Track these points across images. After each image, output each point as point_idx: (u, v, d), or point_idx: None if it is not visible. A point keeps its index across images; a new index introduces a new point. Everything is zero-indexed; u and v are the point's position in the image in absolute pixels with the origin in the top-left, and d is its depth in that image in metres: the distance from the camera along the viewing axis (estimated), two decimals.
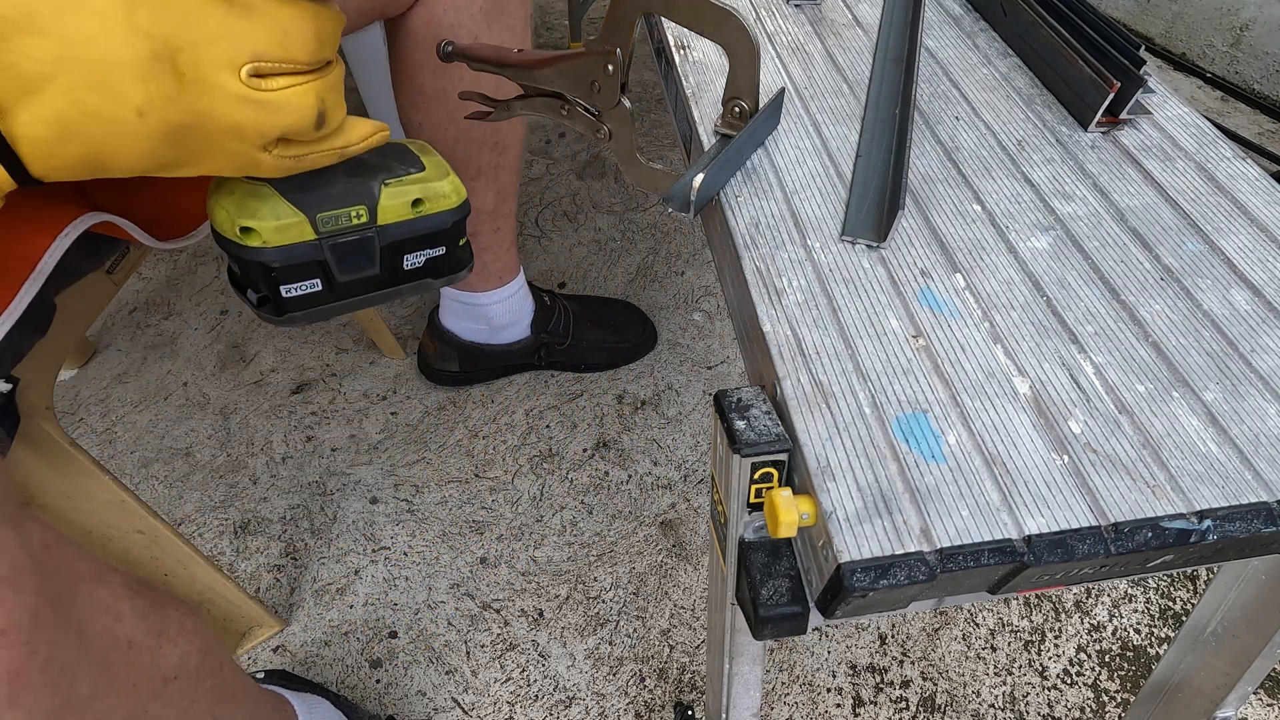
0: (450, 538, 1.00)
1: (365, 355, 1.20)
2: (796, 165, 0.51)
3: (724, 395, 0.38)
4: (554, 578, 0.96)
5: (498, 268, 1.04)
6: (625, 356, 1.18)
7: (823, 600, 0.34)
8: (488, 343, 1.12)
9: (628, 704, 0.86)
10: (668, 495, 1.03)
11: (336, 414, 1.13)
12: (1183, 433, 0.36)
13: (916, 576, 0.31)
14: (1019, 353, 0.39)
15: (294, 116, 0.36)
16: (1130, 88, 0.51)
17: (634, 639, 0.90)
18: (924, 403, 0.37)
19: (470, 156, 0.90)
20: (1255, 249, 0.45)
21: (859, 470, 0.34)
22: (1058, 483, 0.34)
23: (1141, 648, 0.90)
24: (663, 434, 1.10)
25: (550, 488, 1.04)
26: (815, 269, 0.44)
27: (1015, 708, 0.85)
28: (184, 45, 0.32)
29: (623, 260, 1.34)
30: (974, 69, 0.59)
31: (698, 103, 0.56)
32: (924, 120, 0.55)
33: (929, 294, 0.42)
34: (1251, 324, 0.41)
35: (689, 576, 0.96)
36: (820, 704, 0.86)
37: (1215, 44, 1.66)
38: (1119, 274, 0.43)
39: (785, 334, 0.40)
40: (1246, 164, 0.50)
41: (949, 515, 0.33)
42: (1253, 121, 1.60)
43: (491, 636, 0.91)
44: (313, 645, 0.90)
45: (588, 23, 1.80)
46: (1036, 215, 0.47)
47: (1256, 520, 0.33)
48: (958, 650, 0.90)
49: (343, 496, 1.04)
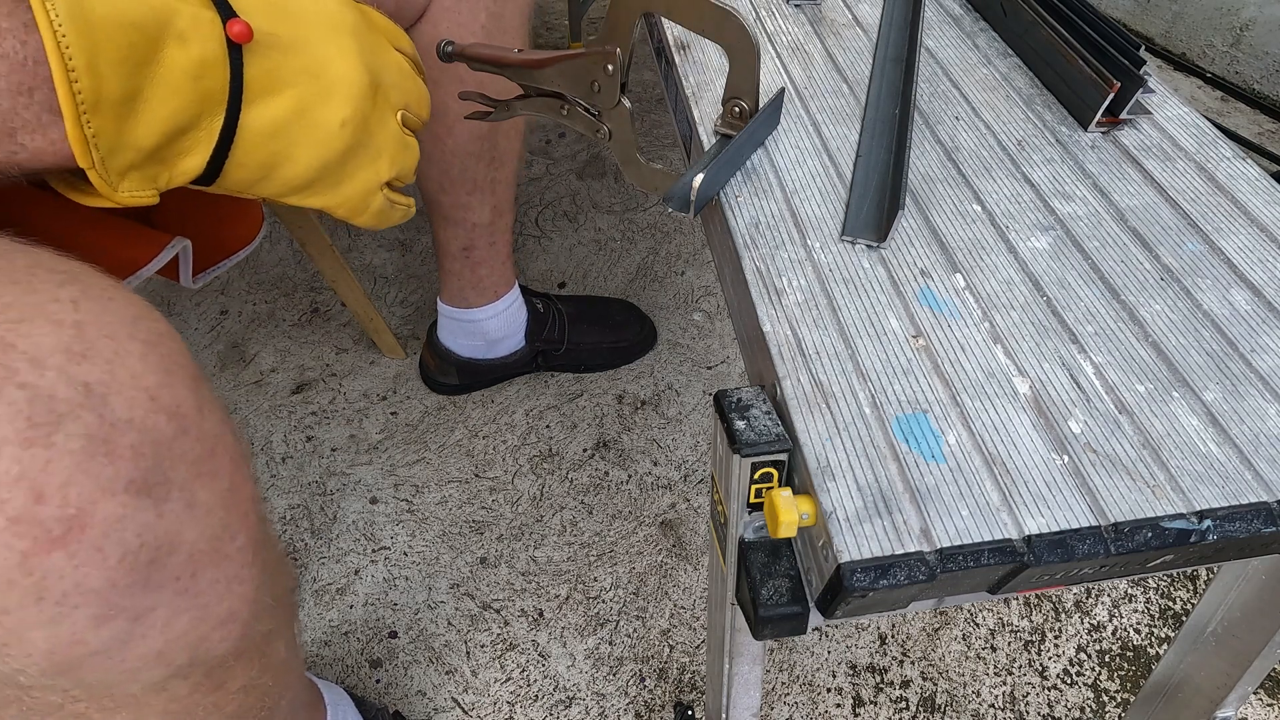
0: (450, 538, 1.00)
1: (365, 355, 1.20)
2: (796, 165, 0.51)
3: (724, 395, 0.38)
4: (554, 578, 0.96)
5: (493, 281, 1.04)
6: (624, 356, 1.18)
7: (823, 600, 0.34)
8: (484, 357, 1.12)
9: (628, 704, 0.86)
10: (668, 495, 1.03)
11: (336, 414, 1.13)
12: (1183, 433, 0.36)
13: (916, 576, 0.31)
14: (1019, 353, 0.39)
15: (413, 162, 0.47)
16: (1130, 88, 0.51)
17: (634, 639, 0.90)
18: (924, 403, 0.37)
19: (467, 170, 0.90)
20: (1255, 249, 0.45)
21: (859, 470, 0.34)
22: (1058, 483, 0.34)
23: (1141, 648, 0.90)
24: (663, 434, 1.10)
25: (550, 488, 1.04)
26: (815, 269, 0.44)
27: (1015, 708, 0.86)
28: (382, 83, 0.43)
29: (623, 260, 1.34)
30: (974, 69, 0.59)
31: (698, 103, 0.56)
32: (924, 120, 0.55)
33: (929, 294, 0.42)
34: (1251, 324, 0.41)
35: (689, 576, 0.96)
36: (820, 704, 0.86)
37: (1215, 44, 1.66)
38: (1119, 274, 0.43)
39: (785, 334, 0.40)
40: (1246, 164, 0.50)
41: (949, 515, 0.33)
42: (1253, 121, 1.60)
43: (491, 636, 0.91)
44: (313, 645, 0.90)
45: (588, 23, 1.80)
46: (1036, 215, 0.47)
47: (1256, 520, 0.33)
48: (958, 650, 0.90)
49: (343, 496, 1.04)
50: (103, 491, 0.31)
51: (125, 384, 0.32)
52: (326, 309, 1.27)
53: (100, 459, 0.31)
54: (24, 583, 0.30)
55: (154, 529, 0.34)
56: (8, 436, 0.29)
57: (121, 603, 0.33)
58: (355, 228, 1.40)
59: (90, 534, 0.31)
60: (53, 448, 0.30)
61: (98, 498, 0.31)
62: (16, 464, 0.29)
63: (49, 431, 0.30)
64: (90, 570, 0.32)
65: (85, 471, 0.31)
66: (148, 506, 0.33)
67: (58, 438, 0.30)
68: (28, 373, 0.30)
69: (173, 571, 0.35)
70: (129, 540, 0.33)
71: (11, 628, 0.31)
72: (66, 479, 0.30)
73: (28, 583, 0.30)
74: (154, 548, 0.34)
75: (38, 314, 0.31)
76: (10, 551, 0.30)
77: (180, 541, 0.35)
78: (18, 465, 0.29)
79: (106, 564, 0.32)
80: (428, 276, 1.32)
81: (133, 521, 0.33)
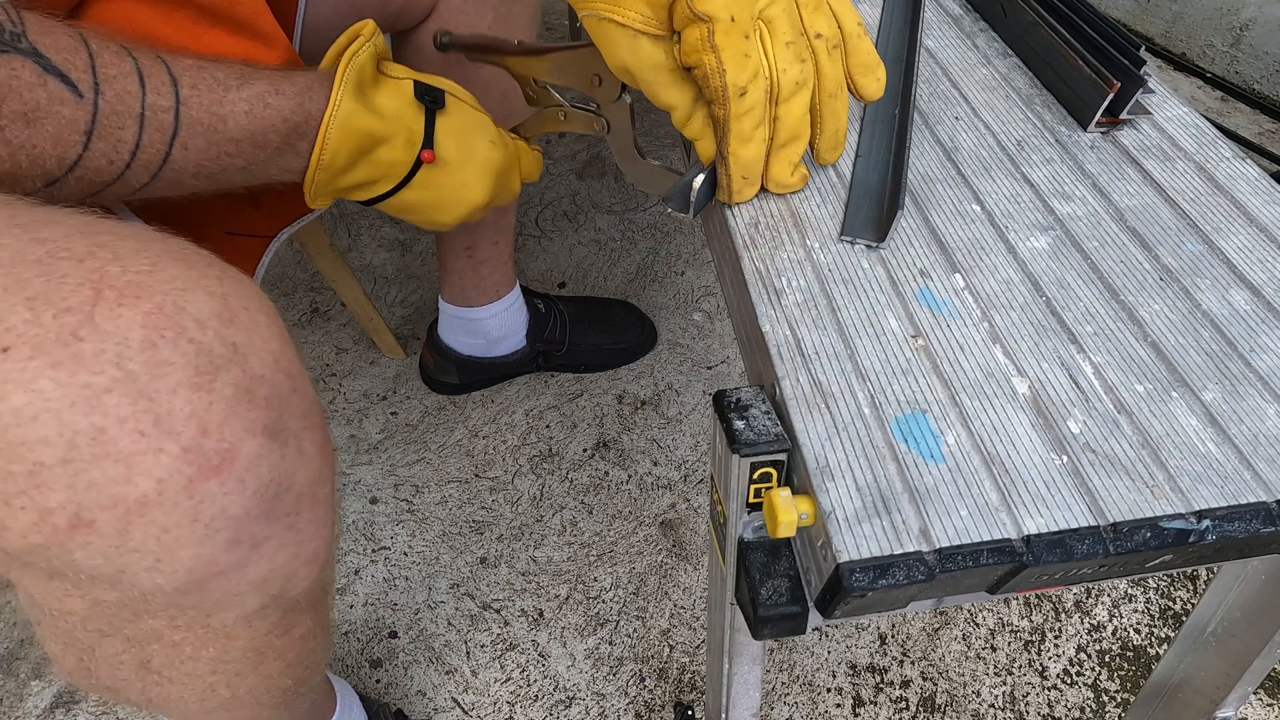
0: (450, 538, 1.00)
1: (365, 355, 1.20)
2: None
3: (723, 395, 0.38)
4: (554, 578, 0.96)
5: (494, 281, 1.05)
6: (624, 356, 1.18)
7: (822, 600, 0.34)
8: (485, 356, 1.12)
9: (628, 704, 0.86)
10: (668, 495, 1.03)
11: (336, 414, 1.13)
12: (1182, 433, 0.36)
13: (915, 576, 0.31)
14: (1018, 352, 0.39)
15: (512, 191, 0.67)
16: (1130, 88, 0.51)
17: (634, 639, 0.91)
18: (923, 403, 0.37)
19: None
20: (1255, 249, 0.45)
21: (858, 470, 0.34)
22: (1057, 483, 0.34)
23: (1141, 648, 0.90)
24: (663, 434, 1.10)
25: (550, 488, 1.04)
26: (815, 269, 0.44)
27: (1015, 708, 0.86)
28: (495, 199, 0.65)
29: (623, 260, 1.34)
30: (974, 69, 0.59)
31: None
32: (923, 120, 0.55)
33: (928, 294, 0.42)
34: (1251, 324, 0.41)
35: (689, 576, 0.96)
36: (820, 704, 0.86)
37: (1215, 44, 1.66)
38: (1118, 274, 0.43)
39: (784, 334, 0.40)
40: (1246, 164, 0.50)
41: (948, 515, 0.33)
42: (1253, 121, 1.60)
43: (491, 636, 0.91)
44: None
45: None
46: (1036, 215, 0.47)
47: (1256, 520, 0.33)
48: (958, 650, 0.90)
49: (343, 496, 1.04)
50: (248, 432, 0.37)
51: (259, 346, 0.38)
52: (326, 309, 1.27)
53: (245, 404, 0.37)
54: (185, 504, 0.35)
55: (279, 468, 0.39)
56: (182, 381, 0.35)
57: (250, 529, 0.38)
58: (355, 228, 1.41)
59: (237, 467, 0.36)
60: (214, 392, 0.36)
61: (244, 437, 0.37)
62: (189, 404, 0.35)
63: (211, 379, 0.35)
64: (234, 498, 0.37)
65: (236, 414, 0.36)
66: (276, 449, 0.39)
67: (217, 384, 0.36)
68: (194, 330, 0.35)
69: (286, 508, 0.40)
70: (263, 475, 0.38)
71: (168, 544, 0.36)
72: (223, 419, 0.36)
73: (188, 504, 0.35)
74: (278, 484, 0.39)
75: (197, 285, 0.37)
76: (180, 476, 0.35)
77: (294, 481, 0.40)
78: (190, 405, 0.35)
79: (245, 494, 0.37)
80: (428, 276, 1.32)
81: (266, 460, 0.38)
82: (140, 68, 0.45)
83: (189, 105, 0.47)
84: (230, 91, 0.49)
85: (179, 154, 0.47)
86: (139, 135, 0.45)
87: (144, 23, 0.52)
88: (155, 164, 0.47)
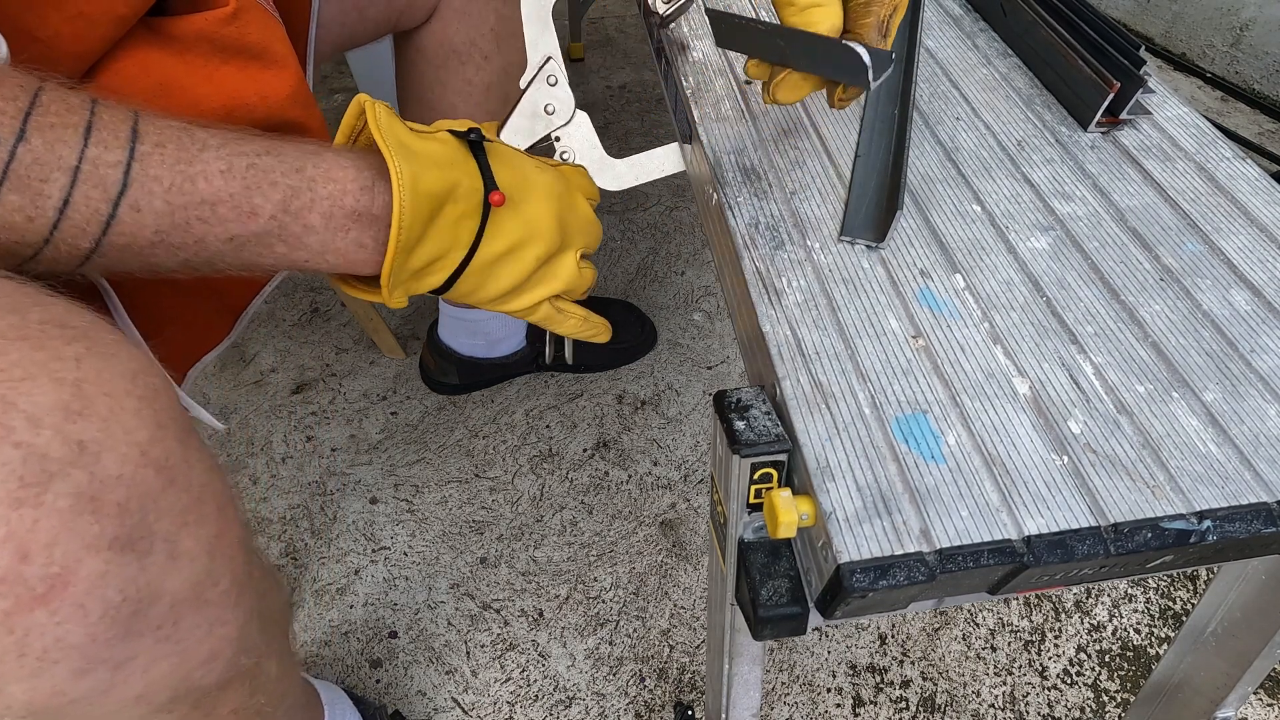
0: (450, 538, 1.00)
1: (365, 355, 1.20)
2: (796, 165, 0.51)
3: (723, 395, 0.38)
4: (554, 578, 0.96)
5: None
6: (624, 356, 1.18)
7: (822, 601, 0.34)
8: (485, 356, 1.12)
9: (628, 704, 0.86)
10: (668, 495, 1.03)
11: (336, 414, 1.13)
12: (1182, 433, 0.36)
13: (916, 577, 0.31)
14: (1018, 353, 0.39)
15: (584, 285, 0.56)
16: (1130, 88, 0.51)
17: (634, 639, 0.90)
18: (924, 403, 0.37)
19: None
20: (1255, 249, 0.44)
21: (858, 471, 0.34)
22: (1057, 483, 0.34)
23: (1141, 648, 0.90)
24: (663, 434, 1.10)
25: (550, 488, 1.04)
26: (815, 269, 0.44)
27: (1015, 708, 0.86)
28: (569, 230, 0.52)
29: (623, 260, 1.34)
30: (974, 69, 0.59)
31: (698, 103, 0.56)
32: (924, 120, 0.55)
33: (928, 294, 0.42)
34: (1251, 324, 0.41)
35: (689, 576, 0.96)
36: (820, 704, 0.86)
37: (1215, 44, 1.66)
38: (1119, 274, 0.43)
39: (785, 334, 0.40)
40: (1246, 164, 0.50)
41: (948, 516, 0.33)
42: (1253, 121, 1.60)
43: (491, 636, 0.91)
44: (312, 645, 0.90)
45: (588, 23, 1.80)
46: (1036, 215, 0.47)
47: (1256, 521, 0.33)
48: (958, 650, 0.90)
49: (343, 496, 1.04)
50: (87, 549, 0.32)
51: (118, 440, 0.34)
52: (326, 309, 1.27)
53: (87, 517, 0.32)
54: (6, 640, 0.31)
55: (136, 582, 0.35)
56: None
57: (102, 655, 0.34)
58: None
59: (73, 591, 0.32)
60: (41, 507, 0.31)
61: (82, 555, 0.32)
62: (4, 524, 0.30)
63: (39, 491, 0.31)
64: (71, 626, 0.33)
65: (71, 530, 0.32)
66: (131, 561, 0.34)
67: (47, 497, 0.31)
68: (24, 431, 0.31)
69: (154, 621, 0.36)
70: (111, 596, 0.34)
71: None
72: (52, 538, 0.31)
73: (9, 640, 0.31)
74: (136, 600, 0.35)
75: (41, 371, 0.32)
76: None
77: (162, 592, 0.36)
78: (5, 526, 0.30)
79: (88, 620, 0.33)
80: None
81: (115, 577, 0.34)
82: (93, 121, 0.39)
83: (145, 162, 0.40)
84: (208, 151, 0.42)
85: (128, 215, 0.40)
86: (69, 190, 0.38)
87: (161, 69, 0.49)
88: (95, 226, 0.40)
